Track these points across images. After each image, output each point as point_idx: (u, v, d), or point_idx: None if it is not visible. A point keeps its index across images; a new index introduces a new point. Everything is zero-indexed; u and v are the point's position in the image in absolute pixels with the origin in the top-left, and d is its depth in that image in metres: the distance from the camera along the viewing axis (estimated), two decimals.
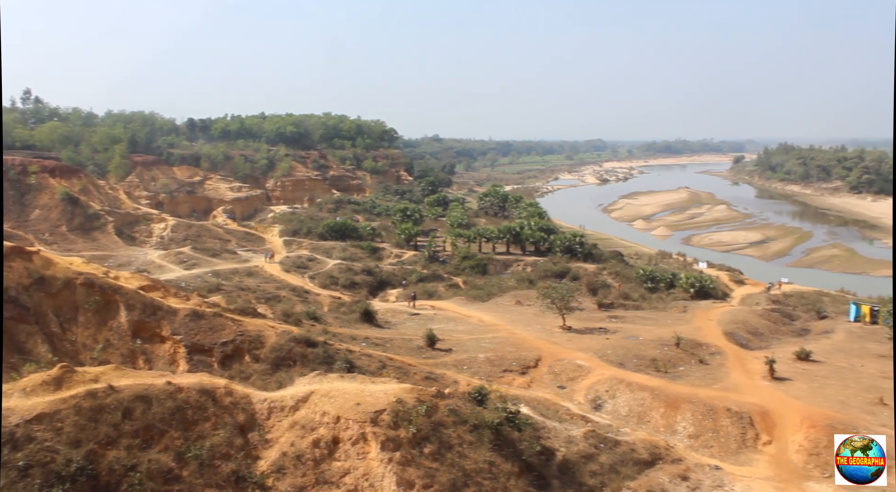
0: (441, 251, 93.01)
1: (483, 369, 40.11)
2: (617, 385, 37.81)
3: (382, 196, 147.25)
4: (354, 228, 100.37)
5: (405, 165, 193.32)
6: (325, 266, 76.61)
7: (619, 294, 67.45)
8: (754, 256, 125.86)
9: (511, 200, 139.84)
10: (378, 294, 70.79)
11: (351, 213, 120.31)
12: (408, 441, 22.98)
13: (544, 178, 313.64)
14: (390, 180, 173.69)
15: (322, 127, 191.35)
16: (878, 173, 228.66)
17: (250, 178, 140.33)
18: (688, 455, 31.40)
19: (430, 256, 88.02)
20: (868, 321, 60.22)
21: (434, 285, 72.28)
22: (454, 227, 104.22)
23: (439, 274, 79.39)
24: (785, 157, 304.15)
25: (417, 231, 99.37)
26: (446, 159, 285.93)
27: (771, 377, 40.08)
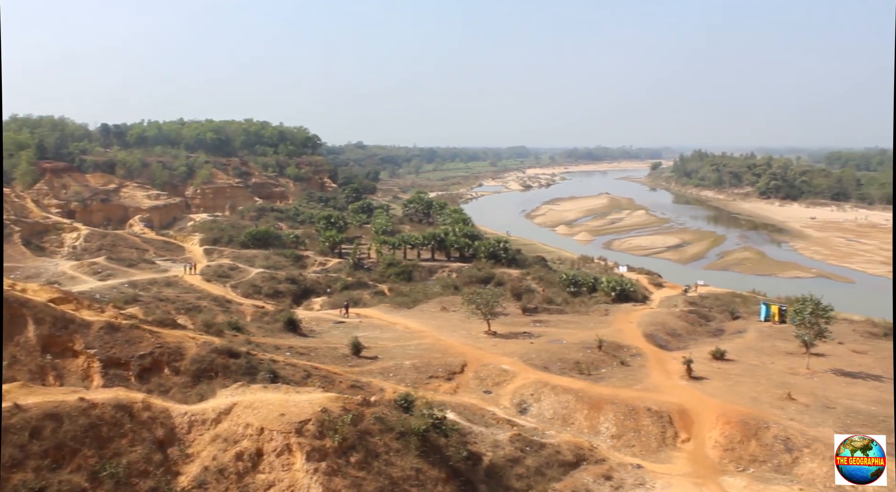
0: (366, 258, 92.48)
1: (409, 376, 40.04)
2: (542, 389, 38.36)
3: (306, 203, 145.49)
4: (277, 236, 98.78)
5: (329, 172, 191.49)
6: (247, 275, 75.11)
7: (542, 299, 68.49)
8: (672, 260, 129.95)
9: (436, 207, 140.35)
10: (302, 303, 69.83)
11: (274, 221, 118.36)
12: (334, 451, 22.72)
13: (468, 184, 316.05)
14: (314, 187, 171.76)
15: (243, 133, 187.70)
16: (784, 179, 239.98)
17: (169, 185, 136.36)
18: (611, 455, 32.10)
19: (355, 263, 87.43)
20: (777, 321, 63.01)
21: (359, 293, 71.81)
22: (379, 234, 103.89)
23: (364, 281, 78.93)
24: (699, 163, 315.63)
25: (342, 238, 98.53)
26: (371, 166, 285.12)
27: (688, 377, 41.43)
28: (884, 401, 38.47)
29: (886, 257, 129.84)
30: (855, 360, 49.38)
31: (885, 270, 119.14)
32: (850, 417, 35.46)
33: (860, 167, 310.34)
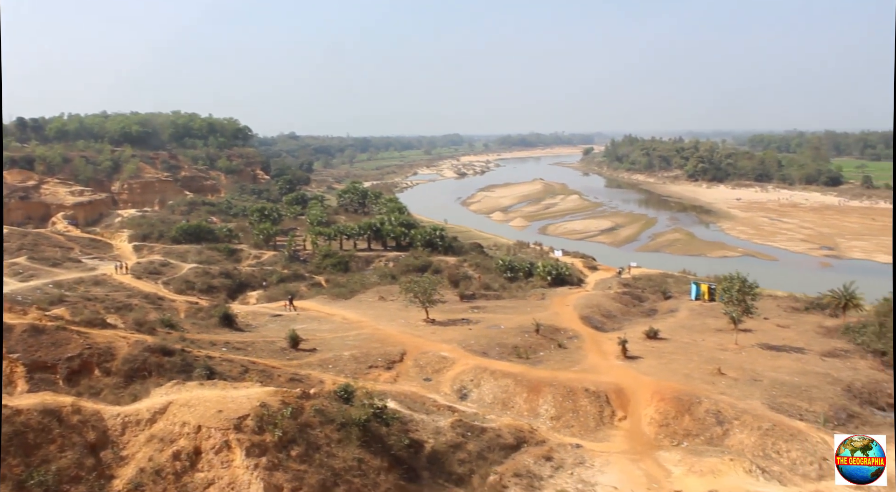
0: (301, 250, 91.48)
1: (349, 367, 39.88)
2: (481, 374, 38.72)
3: (238, 196, 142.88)
4: (210, 230, 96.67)
5: (261, 164, 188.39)
6: (179, 271, 73.36)
7: (480, 285, 69.03)
8: (606, 243, 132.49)
9: (371, 197, 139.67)
10: (238, 297, 68.69)
11: (206, 214, 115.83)
12: (274, 445, 22.50)
13: (403, 173, 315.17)
14: (246, 180, 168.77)
15: (171, 126, 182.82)
16: (711, 162, 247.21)
17: (93, 181, 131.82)
18: (551, 436, 32.68)
19: (291, 255, 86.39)
20: (707, 299, 65.08)
21: (296, 285, 70.99)
22: (314, 225, 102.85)
23: (301, 273, 78.11)
24: (630, 148, 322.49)
25: (276, 231, 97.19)
26: (304, 157, 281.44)
27: (624, 357, 42.41)
28: (805, 372, 40.25)
29: (807, 235, 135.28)
30: (779, 334, 51.39)
31: (805, 247, 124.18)
32: (775, 388, 36.94)
33: (781, 149, 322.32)
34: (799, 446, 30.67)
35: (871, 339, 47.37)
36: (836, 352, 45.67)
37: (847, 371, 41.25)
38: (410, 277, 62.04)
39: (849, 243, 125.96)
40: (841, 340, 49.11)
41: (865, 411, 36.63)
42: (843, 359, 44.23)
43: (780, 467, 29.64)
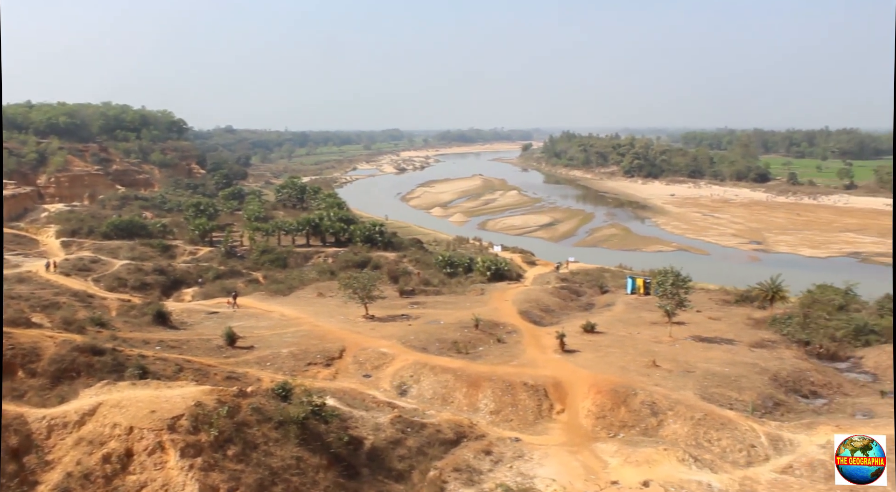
0: (238, 246, 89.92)
1: (287, 364, 39.36)
2: (421, 369, 38.71)
3: (173, 191, 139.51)
4: (143, 226, 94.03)
5: (197, 158, 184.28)
6: (111, 268, 71.12)
7: (419, 281, 69.05)
8: (544, 238, 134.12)
9: (309, 192, 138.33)
10: (172, 294, 67.00)
11: (139, 209, 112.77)
12: (209, 445, 22.04)
13: (342, 168, 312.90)
14: (181, 174, 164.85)
15: (101, 118, 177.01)
16: (646, 159, 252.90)
17: (17, 174, 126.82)
18: (490, 430, 32.89)
19: (227, 251, 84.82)
20: (642, 293, 66.59)
21: (232, 282, 69.74)
22: (251, 220, 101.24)
23: (238, 270, 76.76)
24: (568, 144, 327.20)
25: (213, 226, 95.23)
26: (241, 151, 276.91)
27: (562, 350, 42.99)
28: (735, 362, 41.52)
29: (737, 230, 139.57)
30: (711, 326, 52.91)
31: (735, 241, 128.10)
32: (707, 379, 37.99)
33: (712, 146, 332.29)
34: (729, 434, 31.63)
35: (796, 330, 49.24)
36: (763, 343, 47.28)
37: (774, 361, 42.71)
38: (350, 272, 61.72)
39: (776, 238, 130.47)
40: (768, 331, 50.86)
41: (790, 399, 38.03)
42: (770, 349, 45.79)
43: (712, 455, 30.51)
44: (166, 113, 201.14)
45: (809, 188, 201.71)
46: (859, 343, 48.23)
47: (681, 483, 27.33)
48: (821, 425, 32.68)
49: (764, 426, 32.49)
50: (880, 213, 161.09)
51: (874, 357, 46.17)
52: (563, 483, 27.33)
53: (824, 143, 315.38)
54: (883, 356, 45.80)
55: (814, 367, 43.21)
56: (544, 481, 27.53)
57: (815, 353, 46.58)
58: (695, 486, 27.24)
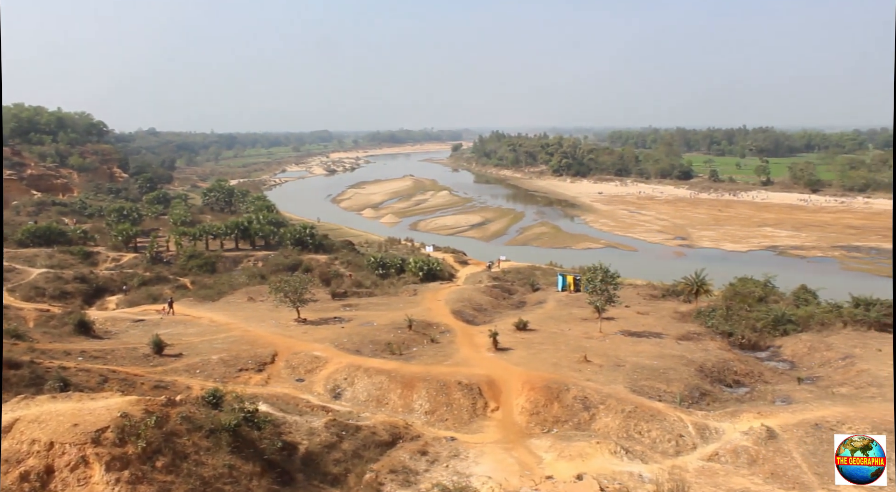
0: (165, 251, 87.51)
1: (217, 371, 38.52)
2: (355, 372, 38.44)
3: (94, 196, 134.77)
4: (62, 232, 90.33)
5: (119, 162, 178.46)
6: (27, 276, 68.18)
7: (351, 283, 68.59)
8: (476, 238, 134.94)
9: (238, 195, 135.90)
10: (95, 303, 64.71)
11: (57, 215, 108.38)
12: (137, 457, 21.37)
13: (271, 170, 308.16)
14: (102, 178, 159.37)
15: (13, 120, 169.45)
16: (574, 157, 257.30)
17: None
18: (426, 431, 32.91)
19: (153, 257, 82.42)
20: (573, 290, 67.72)
21: (159, 288, 67.75)
22: (177, 225, 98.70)
23: (164, 276, 74.65)
24: (497, 144, 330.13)
25: (137, 231, 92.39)
26: (165, 154, 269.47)
27: (495, 349, 43.33)
28: (663, 355, 42.67)
29: (662, 226, 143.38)
30: (639, 320, 54.24)
31: (661, 237, 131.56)
32: (636, 372, 38.93)
33: (638, 145, 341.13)
34: (658, 425, 32.47)
35: (720, 321, 50.97)
36: (689, 335, 48.74)
37: (699, 352, 44.09)
38: (280, 276, 60.75)
39: (699, 233, 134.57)
40: (694, 323, 52.46)
41: (715, 388, 39.33)
42: (695, 341, 47.25)
43: (642, 446, 31.27)
44: (84, 115, 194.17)
45: (730, 185, 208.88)
46: (778, 333, 50.26)
47: (613, 475, 27.91)
48: (744, 412, 33.90)
49: (691, 416, 33.49)
50: (794, 207, 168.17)
51: (791, 346, 48.19)
52: (498, 480, 27.54)
53: (742, 141, 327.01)
54: (799, 345, 47.85)
55: (736, 357, 44.80)
56: (480, 479, 27.70)
57: (738, 343, 48.34)
58: (626, 477, 27.87)
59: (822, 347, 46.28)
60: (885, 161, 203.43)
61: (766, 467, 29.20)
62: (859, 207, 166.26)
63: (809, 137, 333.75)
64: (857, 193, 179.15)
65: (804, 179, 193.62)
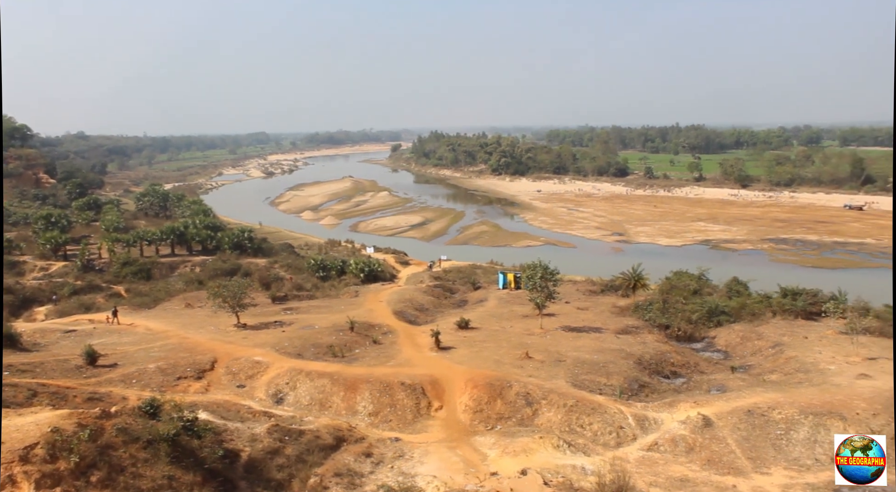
0: (97, 259, 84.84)
1: (155, 380, 37.57)
2: (297, 376, 38.03)
3: (19, 203, 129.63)
4: None
5: (45, 167, 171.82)
6: None
7: (292, 286, 67.82)
8: (416, 238, 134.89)
9: (173, 199, 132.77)
10: (22, 314, 62.35)
11: None
12: (70, 473, 20.71)
13: (207, 174, 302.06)
14: (27, 184, 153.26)
15: None
16: (513, 156, 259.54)
17: None
18: (370, 432, 32.79)
19: (84, 265, 79.78)
20: (513, 287, 68.37)
21: (91, 297, 65.70)
22: (110, 231, 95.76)
23: (97, 284, 72.35)
24: (436, 144, 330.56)
25: (66, 239, 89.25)
26: (96, 158, 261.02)
27: (437, 348, 43.47)
28: (603, 349, 43.48)
29: (600, 223, 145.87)
30: (579, 316, 55.12)
31: (599, 234, 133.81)
32: (577, 367, 39.57)
33: (575, 143, 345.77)
34: (599, 418, 33.09)
35: (657, 315, 52.24)
36: (628, 329, 49.78)
37: (638, 346, 45.08)
38: (219, 281, 59.73)
39: (636, 229, 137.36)
40: (632, 317, 53.61)
41: (654, 380, 40.28)
42: (634, 335, 48.29)
43: (584, 439, 31.82)
44: (7, 119, 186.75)
45: (664, 181, 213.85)
46: (712, 324, 51.78)
47: (556, 469, 28.31)
48: (681, 402, 34.85)
49: (631, 408, 34.22)
50: (726, 202, 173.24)
51: (725, 336, 49.72)
52: (444, 479, 27.63)
53: (675, 138, 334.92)
54: (732, 335, 49.40)
55: (673, 349, 45.95)
56: (426, 479, 27.74)
57: (675, 335, 49.61)
58: (569, 470, 28.30)
59: (753, 336, 47.89)
60: (808, 157, 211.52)
61: (703, 455, 30.05)
62: (786, 201, 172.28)
63: (738, 135, 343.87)
64: (784, 187, 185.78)
65: (734, 175, 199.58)
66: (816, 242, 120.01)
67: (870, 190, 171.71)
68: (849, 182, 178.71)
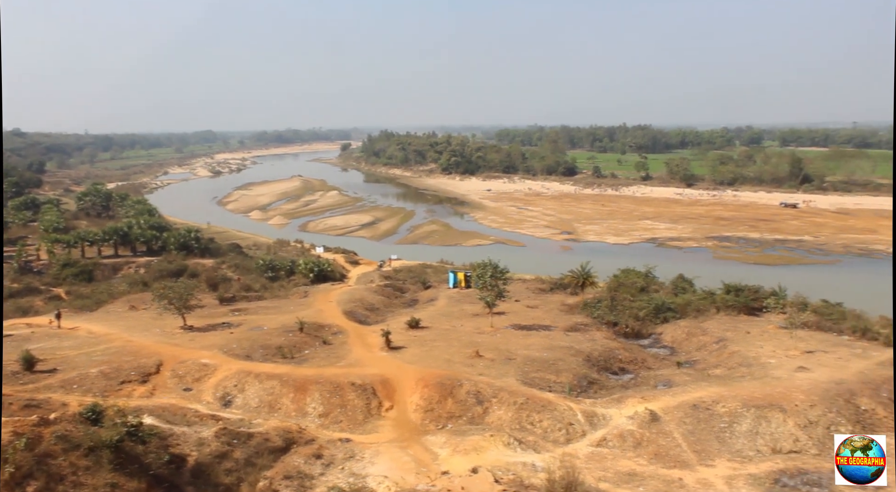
0: (35, 261, 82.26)
1: (97, 385, 36.56)
2: (245, 378, 37.47)
3: None
4: None
5: None
6: None
7: (240, 287, 66.85)
8: (366, 237, 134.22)
9: (116, 199, 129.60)
10: None
11: None
12: (4, 484, 20.02)
13: (152, 173, 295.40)
14: None
15: None
16: (463, 155, 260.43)
17: None
18: (320, 434, 32.50)
19: (22, 267, 77.31)
20: (464, 286, 68.55)
21: (29, 300, 63.55)
22: (49, 232, 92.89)
23: (35, 287, 70.07)
24: (386, 143, 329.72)
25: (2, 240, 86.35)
26: (33, 157, 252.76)
27: (388, 348, 43.32)
28: (552, 347, 43.88)
29: (549, 222, 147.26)
30: (529, 314, 55.53)
31: (548, 232, 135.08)
32: (527, 365, 39.86)
33: (524, 143, 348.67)
34: (549, 415, 33.40)
35: (605, 312, 52.97)
36: (577, 326, 50.36)
37: (586, 343, 45.63)
38: (164, 282, 58.46)
39: (584, 227, 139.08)
40: (581, 315, 54.25)
41: (602, 376, 40.83)
42: (583, 332, 48.87)
43: (535, 436, 32.08)
44: None
45: (612, 180, 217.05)
46: (658, 320, 52.76)
47: (507, 466, 28.47)
48: (629, 398, 35.41)
49: (580, 404, 34.63)
50: (672, 201, 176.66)
51: (671, 332, 50.70)
52: (395, 479, 27.54)
53: (623, 138, 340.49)
54: (678, 331, 50.41)
55: (621, 345, 46.65)
56: (377, 479, 27.62)
57: (622, 332, 50.38)
58: (520, 467, 28.49)
59: (698, 332, 48.94)
60: (749, 157, 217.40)
61: (651, 449, 30.59)
62: (729, 199, 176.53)
63: (684, 135, 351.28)
64: (727, 186, 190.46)
65: (680, 174, 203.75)
66: (758, 239, 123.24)
67: (808, 189, 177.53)
68: (788, 181, 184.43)
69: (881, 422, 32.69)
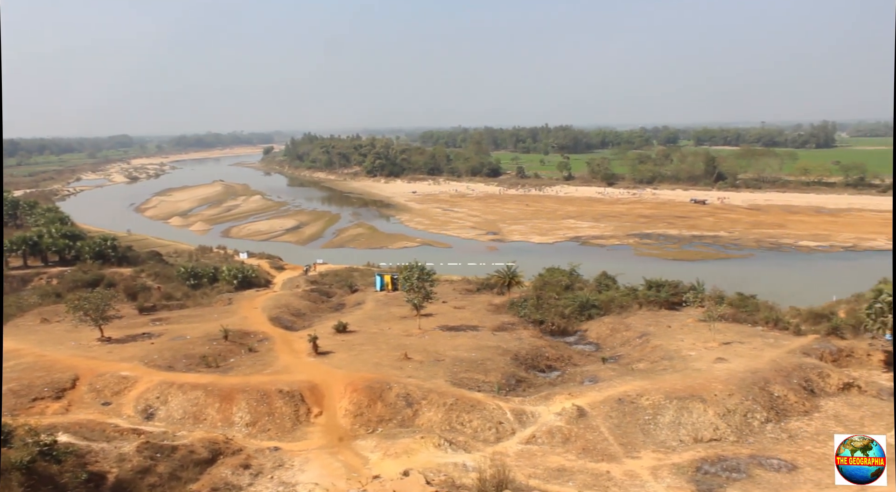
0: None
1: (6, 403, 34.78)
2: (168, 389, 36.38)
3: None
4: None
5: None
6: None
7: (160, 295, 64.86)
8: (291, 242, 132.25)
9: (24, 207, 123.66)
10: None
11: None
12: None
13: (64, 179, 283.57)
14: None
15: None
16: (387, 158, 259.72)
17: None
18: (248, 443, 31.85)
19: None
20: (391, 289, 68.36)
21: None
22: None
23: None
24: (310, 146, 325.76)
25: None
26: None
27: (315, 353, 42.78)
28: (481, 347, 44.21)
29: (475, 223, 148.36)
30: (456, 315, 55.80)
31: (474, 233, 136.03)
32: (456, 366, 40.03)
33: (448, 144, 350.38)
34: (479, 414, 33.63)
35: (531, 311, 53.68)
36: (504, 326, 50.88)
37: (514, 342, 46.16)
38: (79, 293, 56.14)
39: (509, 228, 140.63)
40: (508, 314, 54.84)
41: (530, 374, 41.38)
42: (510, 331, 49.41)
43: (465, 436, 32.24)
44: None
45: (535, 181, 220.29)
46: (584, 317, 53.87)
47: (438, 467, 28.50)
48: (556, 395, 35.99)
49: (509, 403, 34.99)
50: (594, 200, 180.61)
51: (596, 329, 51.84)
52: (325, 485, 27.23)
53: (545, 139, 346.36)
54: (602, 327, 51.57)
55: (548, 343, 47.40)
56: (307, 487, 27.25)
57: (549, 330, 51.19)
58: (451, 468, 28.56)
59: (621, 327, 50.18)
60: (667, 156, 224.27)
61: (579, 444, 31.16)
62: (648, 197, 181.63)
63: (604, 135, 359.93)
64: (646, 184, 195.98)
65: (601, 174, 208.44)
66: (677, 236, 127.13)
67: (722, 186, 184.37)
68: (704, 179, 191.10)
69: (793, 407, 34.27)
